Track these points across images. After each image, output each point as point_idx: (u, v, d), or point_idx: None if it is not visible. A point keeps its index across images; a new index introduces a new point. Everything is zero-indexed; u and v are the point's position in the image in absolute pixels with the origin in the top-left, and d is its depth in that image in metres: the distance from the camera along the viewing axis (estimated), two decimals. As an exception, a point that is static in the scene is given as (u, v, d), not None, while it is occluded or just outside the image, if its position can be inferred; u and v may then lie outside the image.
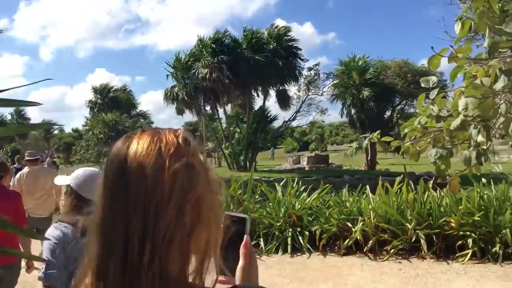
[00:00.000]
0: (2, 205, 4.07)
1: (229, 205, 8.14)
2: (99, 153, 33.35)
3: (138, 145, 0.82)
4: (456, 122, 2.79)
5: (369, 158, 23.30)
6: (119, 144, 0.86)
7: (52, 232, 2.32)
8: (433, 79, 3.23)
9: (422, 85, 3.32)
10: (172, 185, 0.79)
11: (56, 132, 69.59)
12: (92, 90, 42.85)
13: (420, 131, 3.43)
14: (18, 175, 6.93)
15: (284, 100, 24.52)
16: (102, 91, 42.50)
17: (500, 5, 2.66)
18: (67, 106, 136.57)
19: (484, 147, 3.12)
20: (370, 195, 8.23)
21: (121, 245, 0.78)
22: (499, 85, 2.57)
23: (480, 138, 3.04)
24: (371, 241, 7.46)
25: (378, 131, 3.71)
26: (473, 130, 2.94)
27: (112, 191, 0.81)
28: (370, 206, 7.83)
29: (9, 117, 59.19)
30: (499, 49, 2.82)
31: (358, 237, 7.46)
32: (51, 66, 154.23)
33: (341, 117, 25.05)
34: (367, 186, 8.58)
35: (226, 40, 22.16)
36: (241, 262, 0.97)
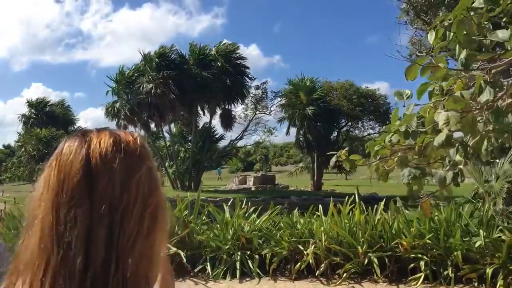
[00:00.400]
0: None
1: (174, 227, 7.63)
2: (31, 171, 31.42)
3: (101, 146, 0.79)
4: (440, 138, 2.53)
5: (315, 178, 23.36)
6: (74, 142, 0.80)
7: None
8: (407, 92, 3.03)
9: (396, 98, 3.14)
10: (137, 190, 0.78)
11: (-15, 148, 65.44)
12: (27, 103, 40.49)
13: (390, 150, 3.21)
14: None
15: (227, 120, 24.14)
16: (38, 105, 40.21)
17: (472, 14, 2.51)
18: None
19: (461, 166, 2.91)
20: (322, 216, 8.00)
21: (81, 253, 0.73)
22: (483, 97, 2.36)
23: (458, 157, 2.82)
24: (323, 265, 7.19)
25: (346, 148, 3.50)
26: (451, 148, 2.73)
27: (72, 193, 0.75)
28: (322, 228, 7.58)
29: None
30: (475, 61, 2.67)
31: (310, 261, 7.16)
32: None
33: (286, 134, 25.02)
34: (320, 207, 8.37)
35: (173, 55, 21.68)
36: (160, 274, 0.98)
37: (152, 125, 24.08)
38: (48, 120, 37.11)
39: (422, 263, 6.88)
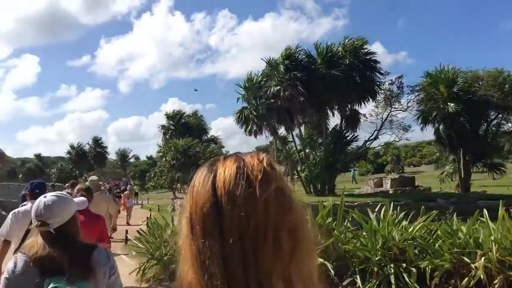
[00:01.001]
0: (90, 228, 4.19)
1: (317, 236, 7.06)
2: (172, 179, 33.62)
3: (225, 174, 0.80)
4: None
5: (462, 179, 21.03)
6: (203, 173, 0.84)
7: (8, 265, 2.19)
8: None
9: None
10: (266, 214, 0.77)
11: (132, 160, 72.32)
12: (166, 116, 44.07)
13: None
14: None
15: (352, 120, 22.87)
16: (174, 117, 43.43)
17: None
18: (142, 135, 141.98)
19: None
20: (490, 223, 6.80)
21: (224, 282, 0.74)
22: None
23: None
24: (497, 281, 6.03)
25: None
26: None
27: (203, 224, 0.78)
28: (492, 237, 6.40)
29: (87, 146, 61.89)
30: None
31: (481, 276, 6.04)
32: (129, 98, 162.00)
33: (422, 130, 22.70)
34: (485, 212, 7.15)
35: (299, 56, 21.30)
36: None
37: (282, 129, 24.00)
38: (184, 130, 39.74)
39: None
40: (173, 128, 42.24)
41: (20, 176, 63.69)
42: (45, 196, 2.24)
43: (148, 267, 8.17)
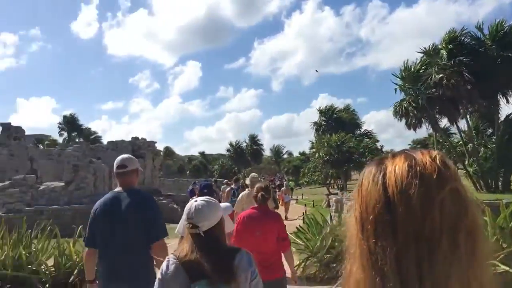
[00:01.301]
0: (270, 225, 4.42)
1: (498, 239, 6.23)
2: (325, 175, 33.67)
3: (396, 172, 0.77)
4: None
5: None
6: (371, 171, 0.81)
7: (161, 266, 2.29)
8: None
9: None
10: (441, 216, 0.73)
11: (285, 156, 74.38)
12: (318, 111, 44.33)
13: None
14: (240, 195, 7.97)
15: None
16: (327, 113, 43.36)
17: None
18: (294, 131, 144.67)
19: None
20: None
21: (396, 282, 0.72)
22: None
23: None
24: None
25: None
26: None
27: (375, 224, 0.76)
28: None
29: (244, 144, 65.32)
30: None
31: None
32: (281, 96, 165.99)
33: None
34: None
35: (465, 39, 19.30)
36: None
37: (443, 121, 22.21)
38: (336, 125, 39.41)
39: None
40: (325, 123, 42.19)
41: (187, 172, 69.97)
42: (196, 201, 2.37)
43: (308, 265, 8.09)
